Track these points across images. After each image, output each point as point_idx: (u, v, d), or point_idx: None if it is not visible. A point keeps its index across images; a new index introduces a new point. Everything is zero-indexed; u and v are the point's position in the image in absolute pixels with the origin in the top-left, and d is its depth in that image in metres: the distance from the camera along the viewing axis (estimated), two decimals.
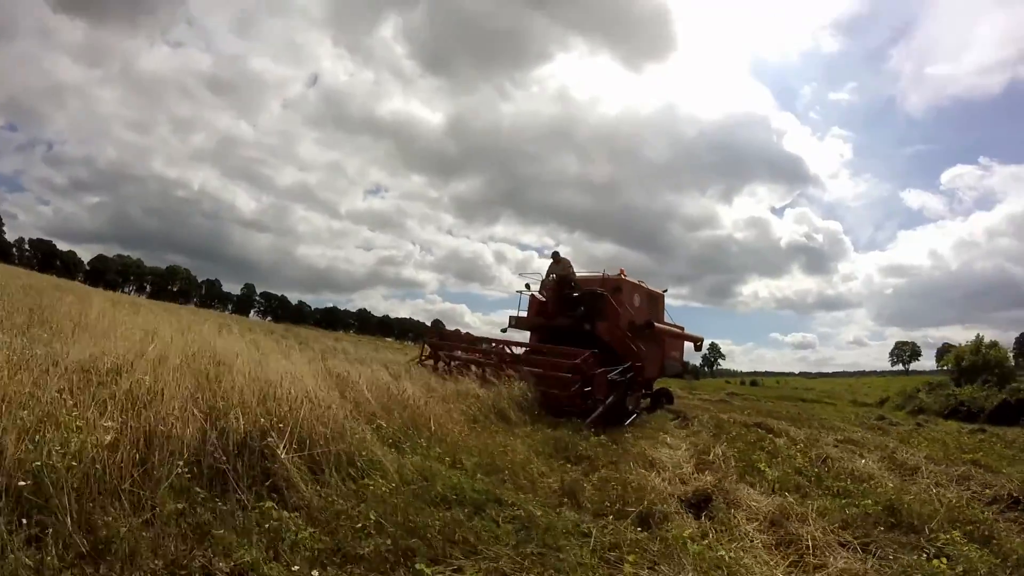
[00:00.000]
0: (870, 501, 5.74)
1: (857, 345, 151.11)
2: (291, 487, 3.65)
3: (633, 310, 13.20)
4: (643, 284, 14.33)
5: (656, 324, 13.88)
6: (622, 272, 13.54)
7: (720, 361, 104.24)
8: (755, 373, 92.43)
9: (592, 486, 5.25)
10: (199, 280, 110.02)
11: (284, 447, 3.83)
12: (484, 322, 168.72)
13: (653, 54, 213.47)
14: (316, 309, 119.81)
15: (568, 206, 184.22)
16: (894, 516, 5.20)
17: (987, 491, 6.77)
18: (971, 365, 32.53)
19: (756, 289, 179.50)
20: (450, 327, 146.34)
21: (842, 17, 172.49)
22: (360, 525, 3.41)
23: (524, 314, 13.58)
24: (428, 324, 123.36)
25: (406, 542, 3.29)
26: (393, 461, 4.63)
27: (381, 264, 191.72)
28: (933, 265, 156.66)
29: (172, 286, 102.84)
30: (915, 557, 3.95)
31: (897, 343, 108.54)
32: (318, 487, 3.82)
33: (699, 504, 4.76)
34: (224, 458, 3.52)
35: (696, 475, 6.44)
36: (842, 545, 4.17)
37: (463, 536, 3.51)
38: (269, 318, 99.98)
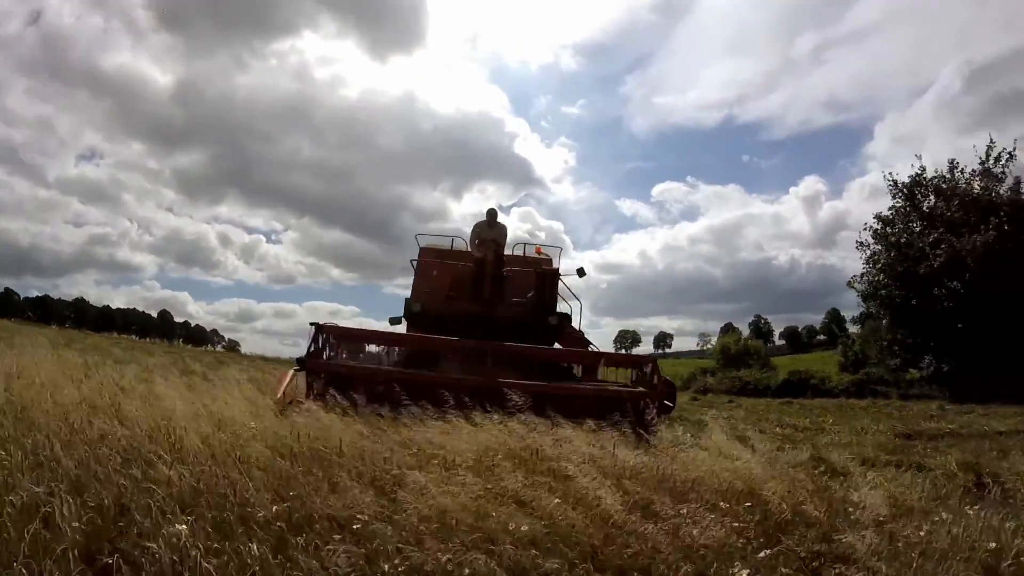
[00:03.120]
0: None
1: None
2: None
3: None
4: None
5: None
6: (538, 250, 10.81)
7: None
8: None
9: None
10: None
11: None
12: (208, 312, 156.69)
13: (400, 46, 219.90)
14: (25, 299, 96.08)
15: (298, 190, 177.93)
16: (884, 449, 9.13)
17: (887, 432, 11.33)
18: (737, 353, 42.43)
19: None
20: (178, 319, 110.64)
21: (585, 42, 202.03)
22: None
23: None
24: (154, 315, 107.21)
25: None
26: None
27: (92, 244, 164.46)
28: (642, 264, 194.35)
29: None
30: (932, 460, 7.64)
31: (620, 331, 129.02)
32: None
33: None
34: None
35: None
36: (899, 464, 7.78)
37: None
38: None
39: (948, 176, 20.12)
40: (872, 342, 22.80)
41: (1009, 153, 19.29)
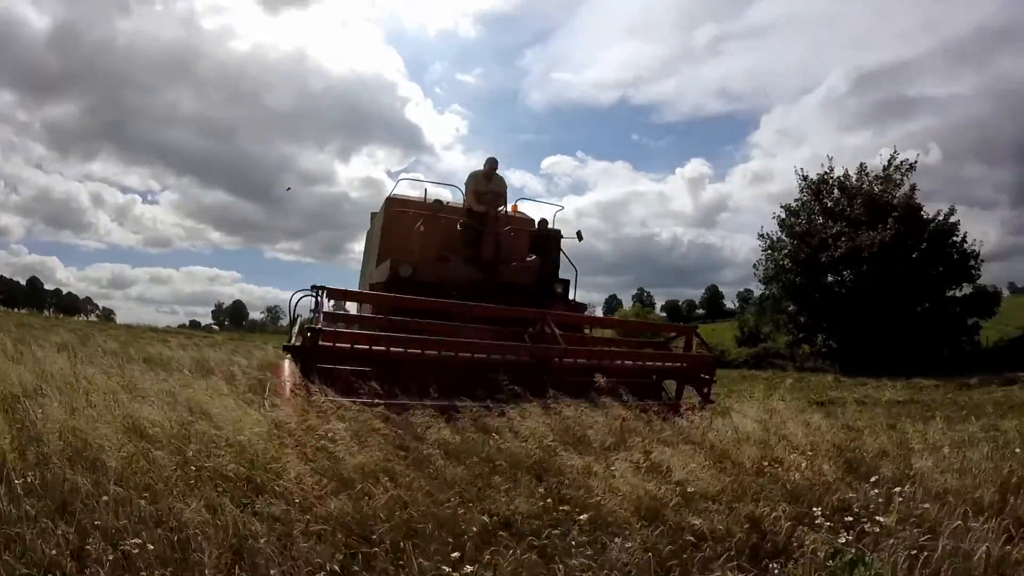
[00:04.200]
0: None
1: None
2: None
3: None
4: None
5: None
6: (515, 208, 9.83)
7: None
8: None
9: None
10: None
11: None
12: (79, 278, 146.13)
13: None
14: None
15: (179, 147, 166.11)
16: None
17: (804, 400, 13.08)
18: None
19: None
20: (48, 286, 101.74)
21: (488, 12, 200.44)
22: None
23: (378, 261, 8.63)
24: (22, 282, 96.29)
25: None
26: None
27: None
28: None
29: None
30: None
31: None
32: None
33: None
34: None
35: None
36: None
37: None
38: None
39: (856, 176, 22.84)
40: (767, 319, 25.54)
41: (910, 164, 22.25)
